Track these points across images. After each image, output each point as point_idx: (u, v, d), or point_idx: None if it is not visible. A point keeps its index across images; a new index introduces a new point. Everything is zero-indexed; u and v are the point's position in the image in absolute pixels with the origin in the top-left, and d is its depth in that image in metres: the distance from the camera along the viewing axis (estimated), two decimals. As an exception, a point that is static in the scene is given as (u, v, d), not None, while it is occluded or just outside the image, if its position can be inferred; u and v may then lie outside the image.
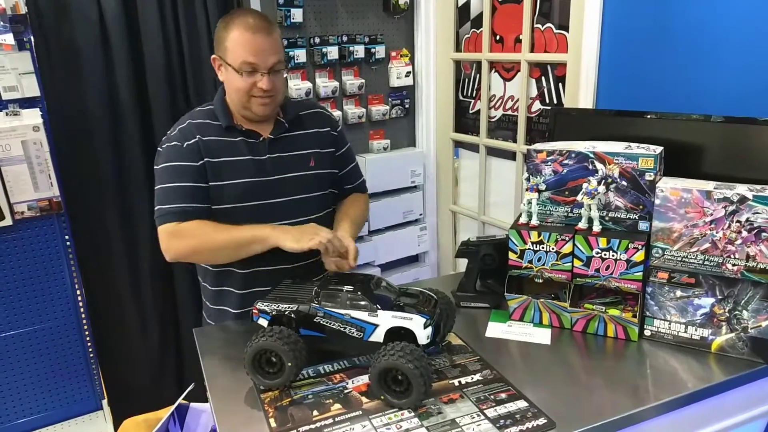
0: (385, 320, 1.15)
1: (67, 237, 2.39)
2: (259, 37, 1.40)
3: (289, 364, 1.13)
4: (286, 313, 1.21)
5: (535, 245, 1.37)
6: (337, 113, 2.65)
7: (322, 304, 1.19)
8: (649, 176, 1.29)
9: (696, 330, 1.28)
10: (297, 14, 2.49)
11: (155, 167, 1.49)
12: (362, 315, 1.16)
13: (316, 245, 1.34)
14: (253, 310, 1.24)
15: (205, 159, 1.46)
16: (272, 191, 1.52)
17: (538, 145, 1.41)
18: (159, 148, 1.51)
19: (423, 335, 1.14)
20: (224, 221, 1.45)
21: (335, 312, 1.18)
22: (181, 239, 1.42)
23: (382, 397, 1.11)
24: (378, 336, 1.16)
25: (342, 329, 1.18)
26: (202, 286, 1.69)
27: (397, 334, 1.15)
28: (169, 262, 1.48)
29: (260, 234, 1.39)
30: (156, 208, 1.45)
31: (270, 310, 1.22)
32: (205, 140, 1.48)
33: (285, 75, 1.49)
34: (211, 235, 1.42)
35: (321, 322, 1.19)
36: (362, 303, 1.17)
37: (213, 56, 1.49)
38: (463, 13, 2.69)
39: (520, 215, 1.44)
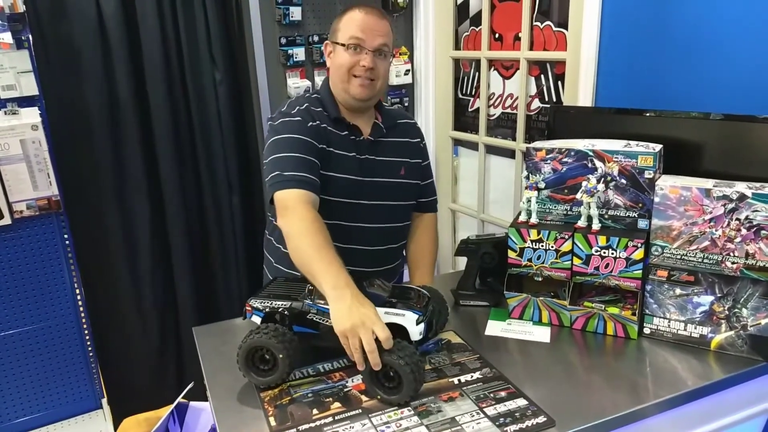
0: None
1: (66, 236, 2.39)
2: (370, 17, 1.46)
3: (281, 356, 1.13)
4: (280, 310, 1.21)
5: (534, 243, 1.37)
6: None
7: (315, 302, 1.19)
8: (648, 174, 1.29)
9: (695, 328, 1.28)
10: (296, 12, 2.49)
11: (274, 137, 1.43)
12: None
13: (350, 349, 1.11)
14: (246, 307, 1.24)
15: (324, 145, 1.46)
16: (366, 193, 1.53)
17: (537, 144, 1.41)
18: (272, 122, 1.49)
19: (415, 331, 1.14)
20: (320, 212, 1.37)
21: (328, 309, 1.18)
22: (288, 214, 1.30)
23: (379, 396, 1.11)
24: None
25: None
26: (266, 260, 1.69)
27: (390, 330, 1.15)
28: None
29: (323, 281, 1.17)
30: (276, 173, 1.36)
31: (263, 307, 1.22)
32: (324, 127, 1.49)
33: (389, 63, 1.52)
34: (306, 236, 1.25)
35: (314, 319, 1.19)
36: None
37: (325, 42, 1.54)
38: (462, 11, 2.68)
39: (519, 213, 1.44)
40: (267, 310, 1.22)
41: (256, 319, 1.22)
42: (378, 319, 1.10)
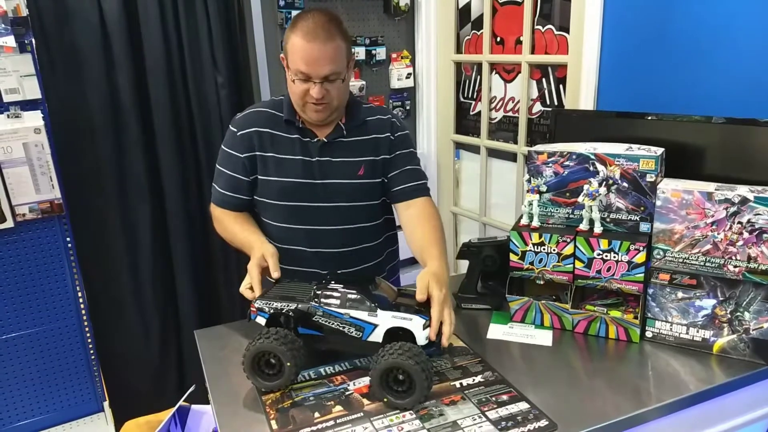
0: (385, 320, 1.15)
1: (68, 239, 2.39)
2: (315, 46, 1.35)
3: (288, 364, 1.13)
4: (284, 311, 1.21)
5: (536, 247, 1.37)
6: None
7: (321, 303, 1.19)
8: (650, 177, 1.29)
9: (698, 331, 1.28)
10: (298, 16, 2.49)
11: (222, 144, 1.58)
12: (362, 315, 1.16)
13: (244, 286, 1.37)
14: (251, 309, 1.24)
15: (256, 152, 1.50)
16: (318, 195, 1.51)
17: (539, 147, 1.41)
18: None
19: (422, 336, 1.14)
20: (266, 215, 1.56)
21: (334, 311, 1.18)
22: (215, 222, 1.60)
23: (386, 399, 1.11)
24: (377, 336, 1.16)
25: (341, 329, 1.18)
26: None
27: (395, 335, 1.15)
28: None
29: (248, 243, 1.46)
30: (214, 185, 1.58)
31: (268, 308, 1.22)
32: (262, 132, 1.50)
33: (344, 81, 1.44)
34: (226, 227, 1.56)
35: (320, 321, 1.19)
36: (361, 303, 1.17)
37: (281, 55, 1.48)
38: (463, 15, 2.69)
39: (521, 217, 1.44)
40: (272, 311, 1.22)
41: (261, 320, 1.22)
42: (252, 267, 1.33)
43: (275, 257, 1.35)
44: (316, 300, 1.20)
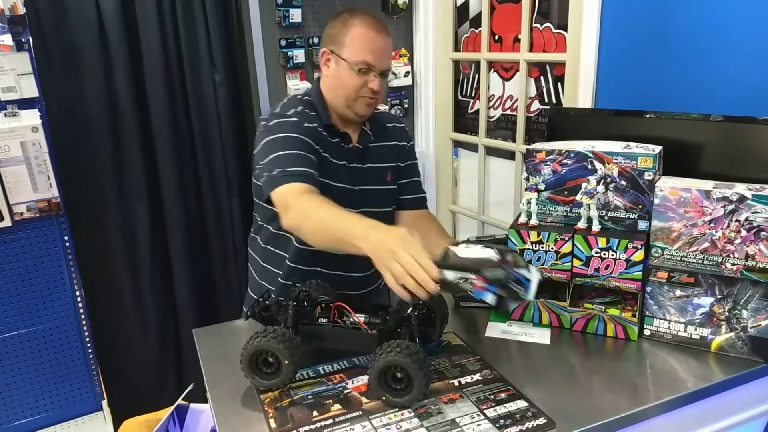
0: (534, 274, 1.10)
1: (66, 237, 2.39)
2: (381, 38, 1.39)
3: (286, 362, 1.13)
4: (503, 280, 1.07)
5: (534, 245, 1.37)
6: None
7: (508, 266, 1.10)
8: (648, 176, 1.29)
9: (695, 329, 1.28)
10: (296, 14, 2.50)
11: (268, 138, 1.37)
12: (524, 271, 1.09)
13: (387, 278, 1.06)
14: (476, 285, 1.05)
15: (319, 148, 1.42)
16: (352, 201, 1.45)
17: (537, 145, 1.41)
18: (266, 122, 1.42)
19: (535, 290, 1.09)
20: None
21: (515, 272, 1.09)
22: (289, 210, 1.23)
23: (384, 398, 1.11)
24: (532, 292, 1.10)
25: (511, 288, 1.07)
26: (251, 258, 1.63)
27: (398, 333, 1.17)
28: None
29: (351, 236, 1.12)
30: (274, 171, 1.29)
31: (492, 278, 1.07)
32: (319, 130, 1.44)
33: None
34: (319, 207, 1.21)
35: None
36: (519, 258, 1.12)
37: (323, 50, 1.44)
38: (461, 13, 2.69)
39: (519, 215, 1.44)
40: (496, 281, 1.07)
41: (491, 298, 1.06)
42: (410, 238, 1.04)
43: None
44: (504, 265, 1.08)
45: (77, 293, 2.47)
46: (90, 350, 2.56)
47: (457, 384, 1.17)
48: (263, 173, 1.34)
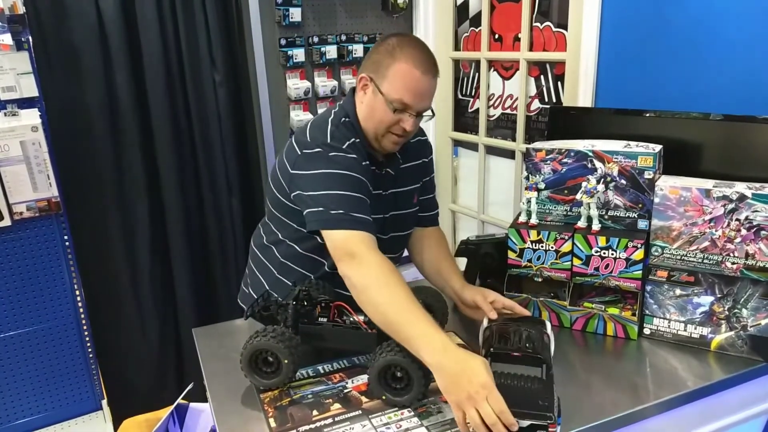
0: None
1: (66, 237, 2.39)
2: (427, 79, 1.27)
3: (286, 362, 1.13)
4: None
5: (534, 244, 1.37)
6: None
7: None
8: (648, 175, 1.29)
9: (695, 328, 1.28)
10: (296, 13, 2.49)
11: (328, 170, 1.26)
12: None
13: (458, 417, 0.99)
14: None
15: (371, 188, 1.31)
16: (382, 228, 1.38)
17: (537, 144, 1.41)
18: (320, 150, 1.28)
19: None
20: (305, 246, 1.38)
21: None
22: (367, 267, 1.15)
23: (384, 397, 1.11)
24: None
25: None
26: (262, 265, 1.53)
27: None
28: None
29: (419, 347, 1.04)
30: (333, 210, 1.21)
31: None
32: (367, 165, 1.32)
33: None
34: (384, 291, 1.12)
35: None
36: None
37: (363, 75, 1.32)
38: (461, 12, 2.69)
39: (519, 214, 1.44)
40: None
41: None
42: (492, 385, 0.96)
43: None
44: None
45: (77, 293, 2.47)
46: (90, 350, 2.55)
47: (456, 383, 1.17)
48: (316, 205, 1.24)
